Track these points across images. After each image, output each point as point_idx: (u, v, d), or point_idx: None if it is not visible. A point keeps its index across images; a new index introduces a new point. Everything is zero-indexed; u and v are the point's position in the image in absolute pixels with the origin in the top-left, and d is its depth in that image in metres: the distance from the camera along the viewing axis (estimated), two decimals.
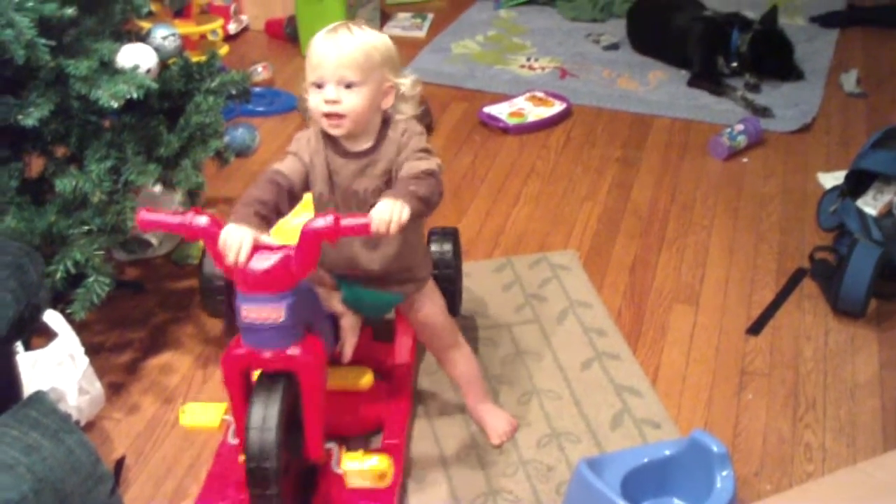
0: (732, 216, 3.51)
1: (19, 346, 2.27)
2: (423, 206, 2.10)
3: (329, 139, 2.25)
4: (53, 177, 2.64)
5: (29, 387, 2.14)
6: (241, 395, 2.13)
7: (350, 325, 2.43)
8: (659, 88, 4.49)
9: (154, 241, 3.14)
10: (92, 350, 2.63)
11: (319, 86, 2.16)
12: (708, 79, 4.46)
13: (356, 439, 2.52)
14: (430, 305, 2.45)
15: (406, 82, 2.25)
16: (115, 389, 2.72)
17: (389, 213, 1.99)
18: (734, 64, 4.47)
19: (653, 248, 3.33)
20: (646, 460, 2.28)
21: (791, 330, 2.95)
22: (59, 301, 2.59)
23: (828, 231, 3.31)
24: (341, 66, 2.13)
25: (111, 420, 2.64)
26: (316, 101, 2.18)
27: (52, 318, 2.52)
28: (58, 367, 2.47)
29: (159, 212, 2.08)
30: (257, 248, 2.02)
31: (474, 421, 2.59)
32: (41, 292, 1.99)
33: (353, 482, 2.20)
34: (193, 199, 2.90)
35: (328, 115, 2.17)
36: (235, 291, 2.06)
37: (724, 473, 2.19)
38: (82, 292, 2.56)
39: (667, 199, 3.62)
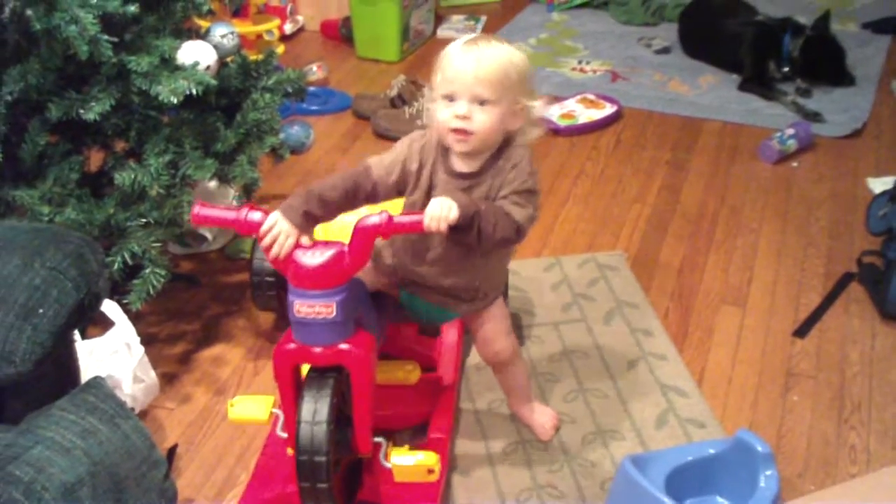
0: (781, 220, 3.52)
1: (76, 334, 2.31)
2: (482, 224, 2.05)
3: (441, 152, 2.22)
4: (113, 170, 2.70)
5: (86, 374, 2.18)
6: (291, 389, 2.15)
7: None
8: (710, 92, 4.49)
9: (209, 235, 3.19)
10: (146, 340, 2.68)
11: (451, 99, 2.11)
12: (759, 83, 4.46)
13: (402, 433, 2.54)
14: (493, 325, 2.40)
15: (537, 105, 2.19)
16: (168, 379, 2.78)
17: (440, 209, 1.99)
18: (786, 69, 4.46)
19: (701, 250, 3.34)
20: (690, 459, 2.29)
21: (837, 333, 2.96)
22: (116, 292, 2.63)
23: (876, 235, 3.31)
24: (478, 82, 2.08)
25: (164, 409, 2.69)
26: (445, 116, 2.12)
27: (109, 307, 2.57)
28: (114, 356, 2.52)
29: (214, 207, 2.11)
30: (299, 245, 2.05)
31: (521, 421, 2.61)
32: (101, 282, 2.03)
33: (401, 477, 2.20)
34: (248, 195, 2.95)
35: (455, 131, 2.12)
36: (287, 286, 2.08)
37: (769, 473, 2.20)
38: (139, 283, 2.61)
39: (716, 201, 3.63)
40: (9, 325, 1.85)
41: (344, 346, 2.09)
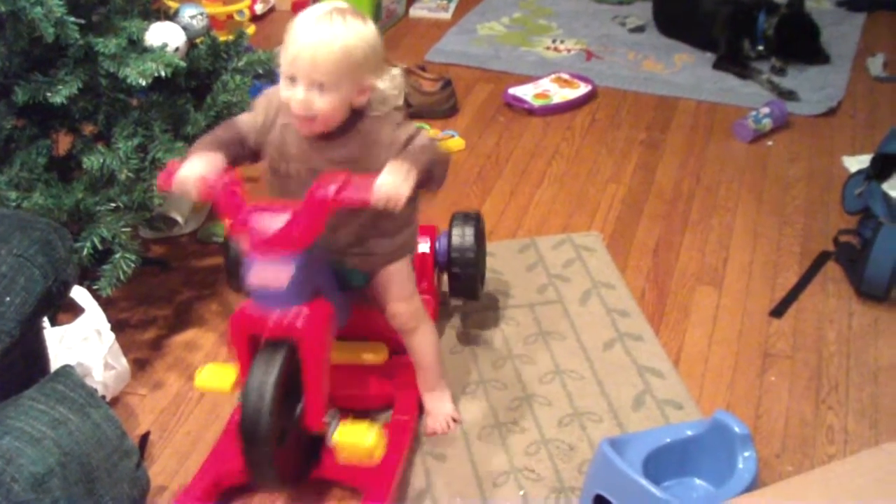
0: (757, 199, 3.51)
1: (45, 321, 2.29)
2: (428, 169, 2.11)
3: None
4: (81, 154, 2.67)
5: (55, 362, 2.16)
6: (247, 359, 2.15)
7: None
8: (684, 71, 4.48)
9: (180, 218, 3.15)
10: (117, 326, 2.65)
11: (292, 80, 2.10)
12: (734, 62, 4.45)
13: (367, 414, 2.52)
14: (391, 286, 2.39)
15: (383, 85, 2.19)
16: (139, 365, 2.75)
17: (393, 188, 2.00)
18: (760, 47, 4.45)
19: (676, 230, 3.33)
20: (668, 440, 2.28)
21: (814, 313, 2.95)
22: (86, 277, 2.61)
23: (852, 214, 3.30)
24: (315, 67, 2.06)
25: (136, 396, 2.66)
26: (287, 95, 2.11)
27: (78, 293, 2.54)
28: (84, 343, 2.49)
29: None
30: (235, 181, 2.09)
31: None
32: (69, 268, 2.01)
33: (343, 456, 2.22)
34: None
35: (297, 115, 2.13)
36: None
37: (747, 454, 2.20)
38: (109, 269, 2.59)
39: (691, 181, 3.62)
40: None
41: (295, 318, 2.10)
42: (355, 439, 2.19)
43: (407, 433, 2.45)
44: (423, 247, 2.68)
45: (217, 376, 2.30)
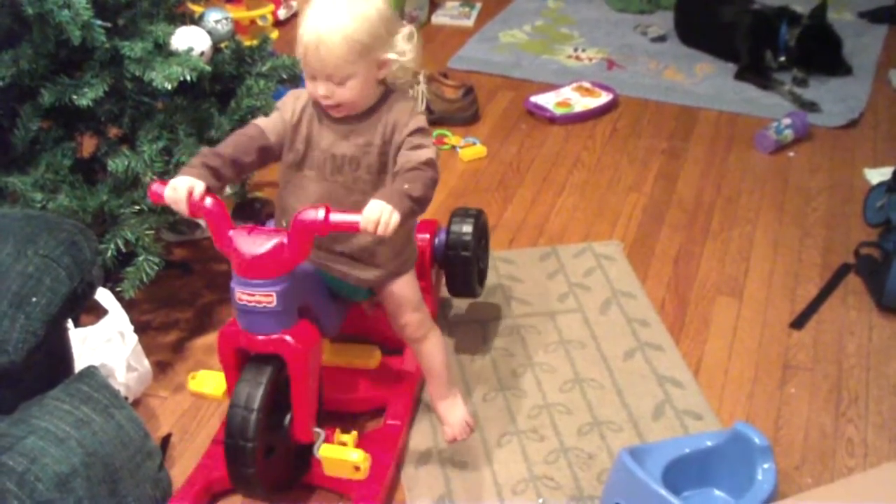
0: (778, 210, 3.50)
1: (69, 322, 2.30)
2: (417, 206, 2.08)
3: (319, 105, 2.22)
4: (106, 157, 2.68)
5: (79, 362, 2.18)
6: (235, 372, 2.17)
7: None
8: (706, 81, 4.47)
9: (202, 222, 3.16)
10: (139, 328, 2.65)
11: (311, 77, 2.14)
12: (755, 72, 4.44)
13: (360, 417, 2.55)
14: (400, 298, 2.38)
15: (396, 56, 2.17)
16: (161, 368, 2.76)
17: (379, 215, 1.98)
18: (782, 58, 4.44)
19: (697, 241, 3.33)
20: (687, 451, 2.28)
21: (835, 325, 2.94)
22: (109, 279, 2.62)
23: (874, 227, 3.30)
24: (326, 65, 2.09)
25: (157, 398, 2.67)
26: (311, 90, 2.16)
27: (102, 295, 2.55)
28: (107, 344, 2.50)
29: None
30: (214, 198, 2.08)
31: (435, 413, 2.55)
32: (94, 270, 2.02)
33: (329, 470, 2.23)
34: (243, 182, 2.93)
35: (328, 106, 2.17)
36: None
37: (766, 466, 2.20)
38: (132, 271, 2.60)
39: (712, 191, 3.62)
40: (1, 313, 1.84)
41: (283, 336, 2.11)
42: (341, 455, 2.21)
43: (397, 439, 2.46)
44: (421, 240, 2.66)
45: (210, 382, 2.34)
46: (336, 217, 2.03)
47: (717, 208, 3.51)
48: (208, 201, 2.08)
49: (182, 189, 2.05)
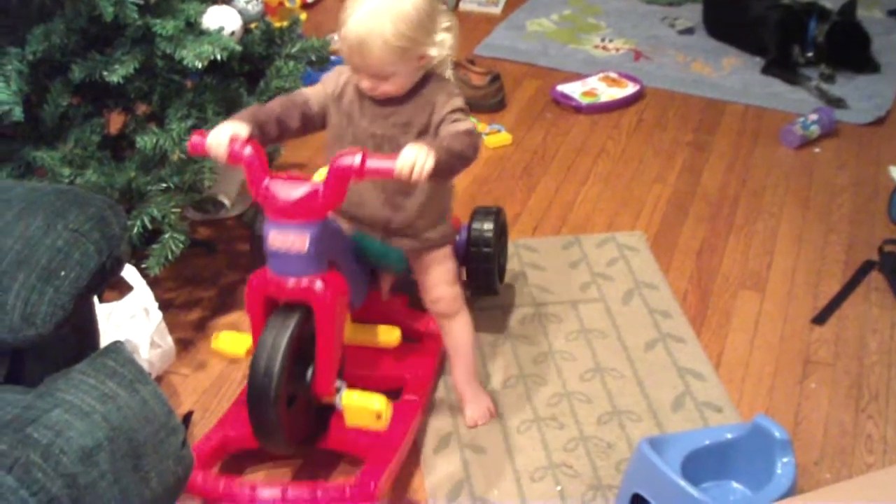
0: (802, 205, 3.49)
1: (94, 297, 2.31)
2: (454, 159, 2.13)
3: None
4: (134, 133, 2.69)
5: (103, 338, 2.18)
6: (261, 322, 2.19)
7: None
8: (733, 74, 4.46)
9: (227, 201, 3.17)
10: (163, 306, 2.66)
11: (356, 70, 2.21)
12: (783, 67, 4.43)
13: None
14: (435, 271, 2.45)
15: (437, 51, 2.22)
16: (183, 346, 2.77)
17: (414, 158, 2.02)
18: (810, 54, 4.42)
19: (721, 234, 3.33)
20: (707, 442, 2.28)
21: (857, 321, 2.94)
22: (134, 256, 2.63)
23: None
24: (369, 66, 2.16)
25: (179, 375, 2.69)
26: (355, 78, 2.24)
27: (127, 272, 2.56)
28: (131, 321, 2.52)
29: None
30: (254, 145, 2.14)
31: (456, 395, 2.59)
32: (123, 245, 2.02)
33: (351, 419, 2.25)
34: (269, 163, 2.93)
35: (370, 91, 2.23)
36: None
37: (786, 460, 2.20)
38: (158, 248, 2.61)
39: (737, 185, 3.61)
40: (30, 286, 1.84)
41: (312, 282, 2.14)
42: (363, 402, 2.23)
43: (415, 412, 2.48)
44: None
45: (233, 342, 2.38)
46: (372, 162, 2.06)
47: (741, 202, 3.50)
48: (248, 149, 2.13)
49: (226, 133, 2.12)
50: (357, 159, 2.05)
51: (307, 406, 2.28)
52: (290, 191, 2.10)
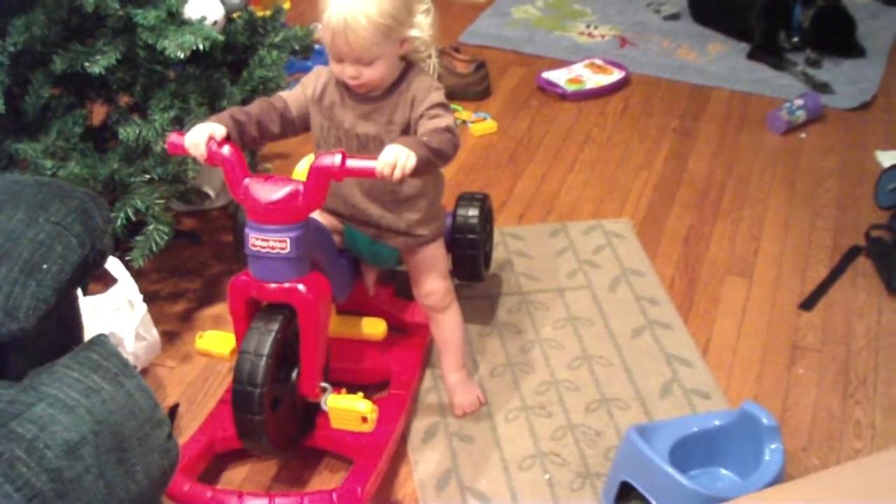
0: (789, 191, 3.49)
1: (78, 290, 2.30)
2: (434, 156, 2.12)
3: (339, 81, 2.27)
4: (117, 125, 2.68)
5: (88, 331, 2.17)
6: (244, 323, 2.18)
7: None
8: (718, 60, 4.45)
9: (211, 192, 3.16)
10: (148, 298, 2.65)
11: (337, 59, 2.18)
12: (768, 52, 4.42)
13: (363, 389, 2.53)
14: (427, 265, 2.45)
15: (417, 32, 2.21)
16: (168, 338, 2.76)
17: (395, 158, 2.02)
18: (795, 39, 4.42)
19: (707, 220, 3.32)
20: (695, 429, 2.28)
21: (844, 307, 2.94)
22: (118, 248, 2.62)
23: (885, 209, 3.29)
24: (353, 49, 2.13)
25: (165, 367, 2.68)
26: (338, 70, 2.20)
27: (111, 264, 2.55)
28: (116, 313, 2.51)
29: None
30: (232, 146, 2.13)
31: (444, 385, 2.58)
32: (105, 238, 2.01)
33: (336, 422, 2.24)
34: (253, 154, 2.92)
35: (353, 85, 2.21)
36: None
37: (773, 446, 2.20)
38: (142, 240, 2.60)
39: (723, 171, 3.61)
40: (13, 280, 1.83)
41: (295, 284, 2.13)
42: (349, 405, 2.21)
43: (401, 409, 2.47)
44: None
45: (217, 342, 2.36)
46: (352, 162, 2.06)
47: (727, 188, 3.50)
48: (226, 149, 2.12)
49: (203, 133, 2.11)
50: (337, 160, 2.05)
51: (292, 408, 2.27)
52: (270, 192, 2.09)
